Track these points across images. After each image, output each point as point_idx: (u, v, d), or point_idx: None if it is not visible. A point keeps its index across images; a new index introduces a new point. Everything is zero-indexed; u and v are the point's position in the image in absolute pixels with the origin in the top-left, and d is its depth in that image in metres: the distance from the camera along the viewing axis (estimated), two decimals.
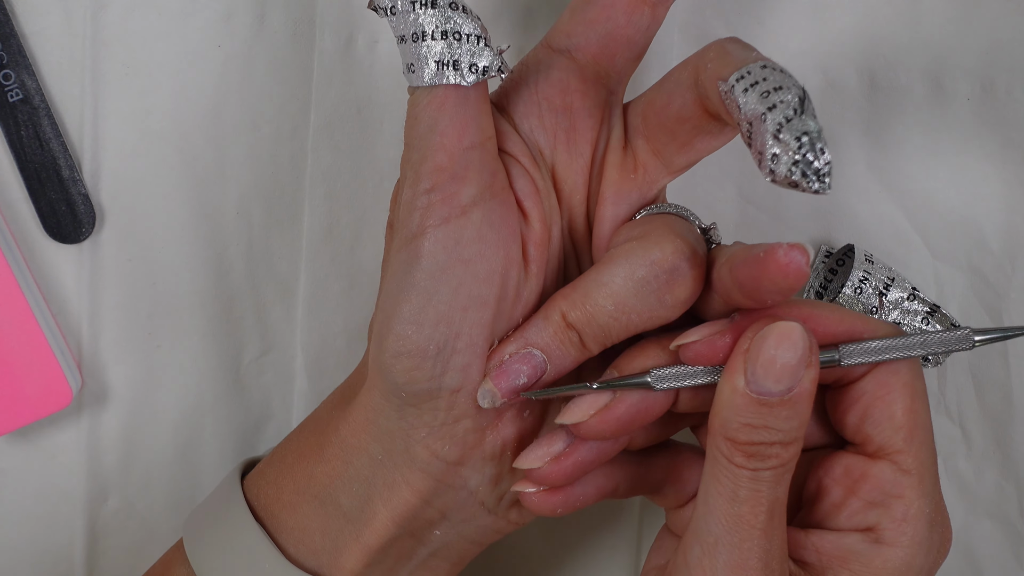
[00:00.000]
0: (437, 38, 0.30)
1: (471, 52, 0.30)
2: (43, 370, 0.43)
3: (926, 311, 0.42)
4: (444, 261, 0.31)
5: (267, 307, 0.46)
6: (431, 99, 0.31)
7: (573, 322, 0.32)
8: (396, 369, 0.32)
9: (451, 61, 0.30)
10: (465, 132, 0.31)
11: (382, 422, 0.33)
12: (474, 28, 0.31)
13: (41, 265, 0.45)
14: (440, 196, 0.31)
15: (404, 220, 0.31)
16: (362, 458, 0.34)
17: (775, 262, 0.28)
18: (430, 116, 0.31)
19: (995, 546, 0.45)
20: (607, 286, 0.31)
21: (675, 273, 0.31)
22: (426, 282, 0.31)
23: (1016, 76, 0.43)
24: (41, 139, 0.43)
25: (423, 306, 0.31)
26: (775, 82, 0.28)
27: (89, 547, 0.47)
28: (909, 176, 0.44)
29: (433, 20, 0.30)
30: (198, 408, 0.47)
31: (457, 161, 0.31)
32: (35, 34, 0.43)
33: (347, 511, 0.34)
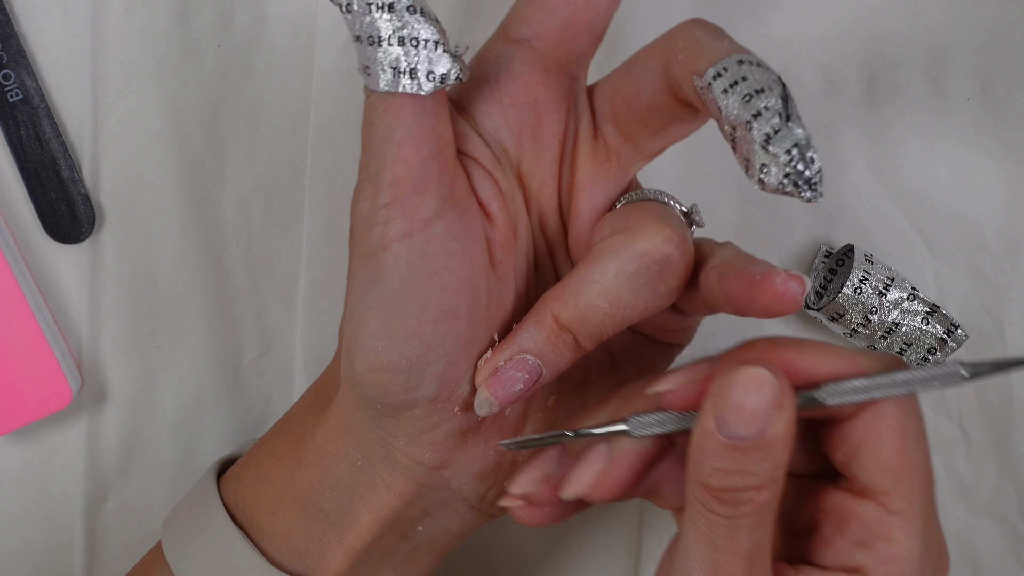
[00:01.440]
0: (393, 44, 0.29)
1: (429, 59, 0.29)
2: (43, 370, 0.43)
3: (926, 311, 0.42)
4: (409, 276, 0.30)
5: (267, 307, 0.46)
6: (387, 107, 0.29)
7: (566, 323, 0.31)
8: (369, 384, 0.31)
9: (408, 69, 0.29)
10: (423, 142, 0.30)
11: (359, 430, 0.33)
12: (432, 33, 0.29)
13: (41, 265, 0.45)
14: (400, 210, 0.30)
15: (363, 233, 0.30)
16: (341, 464, 0.33)
17: (771, 288, 0.28)
18: (386, 125, 0.29)
19: (995, 546, 0.45)
20: (599, 283, 0.30)
21: (667, 263, 0.30)
22: (392, 298, 0.30)
23: (1016, 76, 0.43)
24: (41, 139, 0.43)
25: (391, 322, 0.30)
26: (756, 82, 0.27)
27: (88, 547, 0.47)
28: (909, 176, 0.44)
29: (390, 25, 0.29)
30: (198, 408, 0.47)
31: (416, 173, 0.30)
32: (35, 34, 0.43)
33: (329, 514, 0.34)
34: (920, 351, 0.43)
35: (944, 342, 0.43)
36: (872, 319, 0.42)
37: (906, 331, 0.43)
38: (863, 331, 0.43)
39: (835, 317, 0.43)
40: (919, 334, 0.43)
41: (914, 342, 0.43)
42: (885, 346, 0.43)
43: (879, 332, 0.43)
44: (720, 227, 0.46)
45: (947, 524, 0.46)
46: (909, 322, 0.43)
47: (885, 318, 0.42)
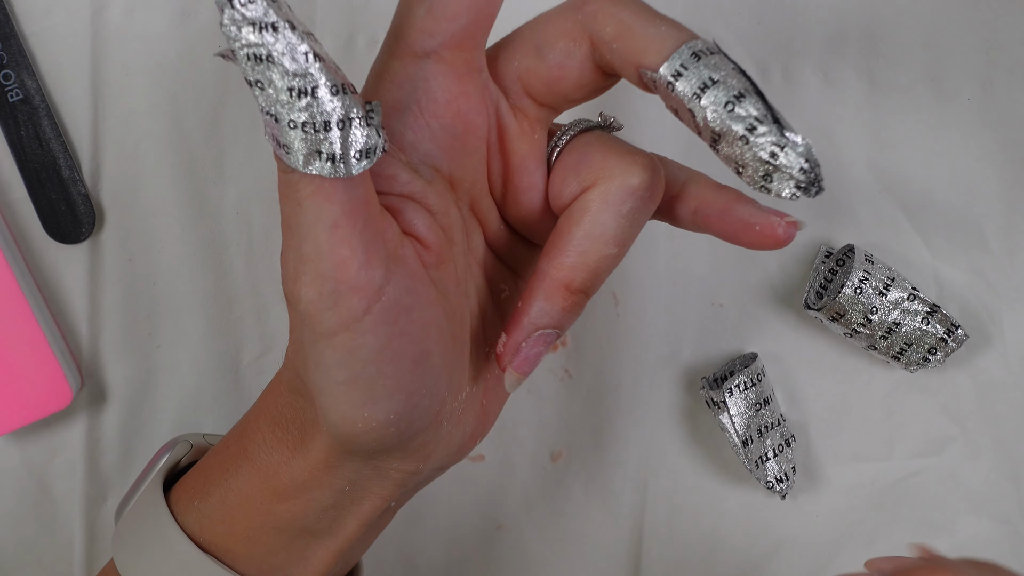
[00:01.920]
0: (319, 129, 0.26)
1: (355, 138, 0.26)
2: (43, 370, 0.43)
3: (926, 311, 0.42)
4: (378, 345, 0.29)
5: (267, 307, 0.46)
6: (316, 189, 0.27)
7: (580, 287, 0.31)
8: (363, 442, 0.31)
9: (336, 153, 0.26)
10: (357, 216, 0.28)
11: (348, 465, 0.32)
12: (356, 109, 0.26)
13: (41, 265, 0.45)
14: (351, 291, 0.28)
15: (315, 317, 0.28)
16: (326, 492, 0.33)
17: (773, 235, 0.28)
18: (316, 207, 0.27)
19: (995, 546, 0.45)
20: (602, 235, 0.30)
21: (654, 189, 0.30)
22: (366, 369, 0.29)
23: (1016, 76, 0.43)
24: (41, 139, 0.43)
25: (371, 390, 0.29)
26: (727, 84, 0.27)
27: (88, 547, 0.47)
28: (909, 176, 0.44)
29: (313, 110, 0.26)
30: (198, 408, 0.47)
31: (357, 250, 0.28)
32: (35, 34, 0.43)
33: (315, 532, 0.34)
34: (920, 351, 0.43)
35: (944, 342, 0.43)
36: (872, 319, 0.42)
37: (906, 331, 0.43)
38: (863, 331, 0.43)
39: (835, 317, 0.43)
40: (919, 334, 0.43)
41: (914, 342, 0.43)
42: (885, 346, 0.43)
43: (879, 332, 0.43)
44: None
45: (947, 524, 0.46)
46: (909, 322, 0.42)
47: (885, 318, 0.42)
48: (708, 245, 0.46)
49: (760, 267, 0.46)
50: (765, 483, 0.44)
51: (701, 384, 0.46)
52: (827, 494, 0.46)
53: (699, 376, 0.47)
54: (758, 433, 0.44)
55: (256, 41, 0.25)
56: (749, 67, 0.44)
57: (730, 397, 0.44)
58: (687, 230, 0.32)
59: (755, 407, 0.44)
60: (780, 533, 0.47)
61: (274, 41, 0.25)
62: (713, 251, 0.46)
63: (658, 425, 0.47)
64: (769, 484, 0.44)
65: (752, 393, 0.44)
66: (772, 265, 0.46)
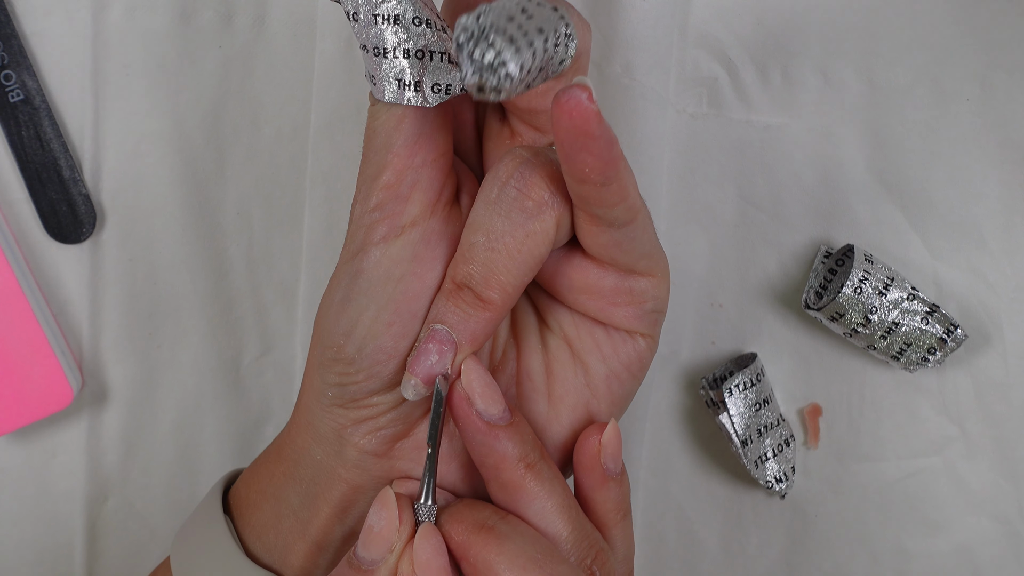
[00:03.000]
0: (399, 56, 0.28)
1: (435, 71, 0.29)
2: (44, 370, 0.43)
3: (925, 311, 0.42)
4: (377, 279, 0.31)
5: (267, 307, 0.46)
6: (389, 116, 0.30)
7: (461, 279, 0.31)
8: (327, 374, 0.32)
9: (413, 81, 0.29)
10: (417, 151, 0.30)
11: (316, 423, 0.34)
12: (438, 44, 0.28)
13: (42, 265, 0.45)
14: (382, 214, 0.31)
15: (352, 234, 0.32)
16: (307, 458, 0.34)
17: (556, 106, 0.27)
18: (386, 133, 0.30)
19: (994, 546, 0.45)
20: (472, 223, 0.31)
21: (521, 178, 0.30)
22: (360, 298, 0.31)
23: (1015, 76, 0.43)
24: (42, 139, 0.43)
25: (355, 320, 0.31)
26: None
27: (89, 546, 0.47)
28: (908, 176, 0.44)
29: (396, 36, 0.28)
30: (198, 408, 0.47)
31: (403, 180, 0.31)
32: (36, 35, 0.43)
33: (296, 510, 0.35)
34: (920, 351, 0.43)
35: (944, 342, 0.43)
36: (872, 319, 0.42)
37: (906, 331, 0.43)
38: (863, 331, 0.43)
39: (835, 317, 0.43)
40: (919, 334, 0.43)
41: (914, 342, 0.43)
42: (885, 345, 0.43)
43: (879, 332, 0.43)
44: (720, 227, 0.46)
45: (947, 524, 0.46)
46: (909, 322, 0.42)
47: (885, 318, 0.42)
48: (708, 246, 0.46)
49: (760, 267, 0.46)
50: (765, 483, 0.44)
51: (701, 384, 0.46)
52: (826, 494, 0.46)
53: (699, 376, 0.47)
54: (758, 433, 0.44)
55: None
56: (749, 68, 0.44)
57: (730, 397, 0.44)
58: (609, 225, 0.31)
59: (755, 407, 0.44)
60: (779, 532, 0.47)
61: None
62: (713, 251, 0.46)
63: (658, 425, 0.47)
64: (768, 484, 0.44)
65: (752, 393, 0.44)
66: (772, 265, 0.46)
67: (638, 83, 0.44)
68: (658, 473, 0.48)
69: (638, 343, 0.35)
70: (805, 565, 0.47)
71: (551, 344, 0.35)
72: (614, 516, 0.34)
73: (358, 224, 0.31)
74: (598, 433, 0.34)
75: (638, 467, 0.47)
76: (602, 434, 0.34)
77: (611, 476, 0.34)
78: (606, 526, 0.34)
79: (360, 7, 0.28)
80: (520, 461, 0.32)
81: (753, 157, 0.45)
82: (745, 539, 0.47)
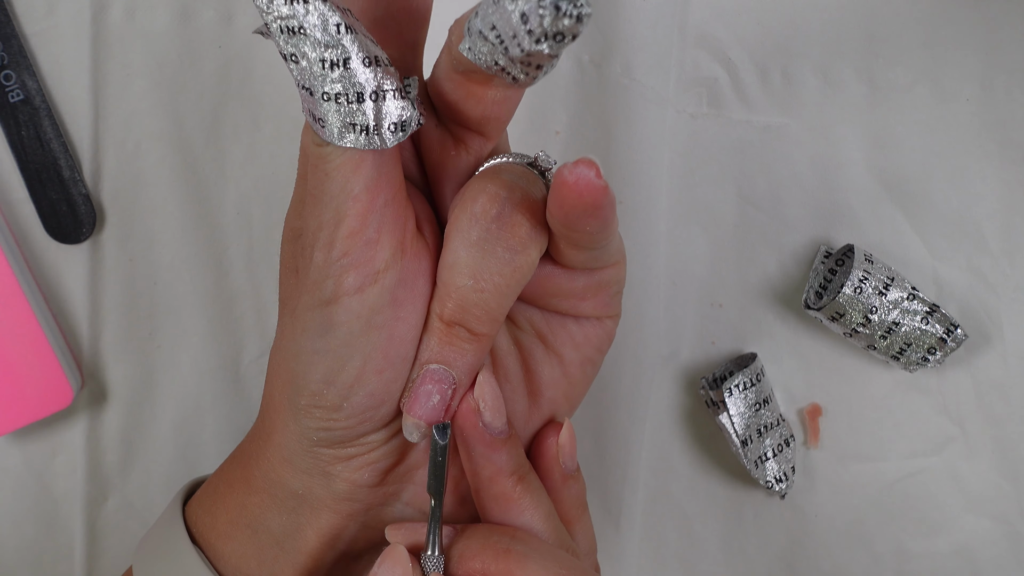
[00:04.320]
0: (352, 100, 0.26)
1: (389, 111, 0.27)
2: (44, 370, 0.43)
3: (925, 311, 0.42)
4: (359, 329, 0.30)
5: (267, 307, 0.46)
6: (346, 160, 0.28)
7: (450, 317, 0.30)
8: (310, 419, 0.31)
9: (372, 125, 0.27)
10: (378, 192, 0.29)
11: (298, 461, 0.32)
12: (390, 82, 0.27)
13: (42, 265, 0.45)
14: (351, 262, 0.29)
15: (317, 283, 0.30)
16: (285, 491, 0.33)
17: (564, 186, 0.27)
18: (343, 178, 0.28)
19: (994, 546, 0.45)
20: (455, 265, 0.30)
21: (502, 218, 0.29)
22: (340, 349, 0.30)
23: (1015, 77, 0.43)
24: (42, 139, 0.43)
25: (337, 370, 0.30)
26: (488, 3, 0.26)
27: (89, 546, 0.47)
28: (908, 176, 0.44)
29: (347, 81, 0.26)
30: (198, 408, 0.47)
31: (369, 224, 0.29)
32: (36, 35, 0.43)
33: (279, 539, 0.34)
34: (920, 351, 0.43)
35: (944, 342, 0.43)
36: (872, 319, 0.42)
37: (906, 331, 0.43)
38: (863, 331, 0.43)
39: (835, 317, 0.43)
40: (919, 334, 0.43)
41: (914, 342, 0.43)
42: (885, 345, 0.43)
43: (879, 332, 0.43)
44: (720, 227, 0.46)
45: (947, 524, 0.46)
46: (909, 322, 0.43)
47: (885, 318, 0.42)
48: (708, 245, 0.46)
49: (760, 267, 0.46)
50: (764, 483, 0.44)
51: (701, 384, 0.46)
52: (826, 494, 0.46)
53: (699, 376, 0.47)
54: (757, 433, 0.44)
55: (288, 13, 0.26)
56: (749, 68, 0.44)
57: (729, 397, 0.44)
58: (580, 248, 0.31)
59: (755, 407, 0.44)
60: (779, 532, 0.47)
61: (305, 13, 0.26)
62: (713, 251, 0.46)
63: (658, 425, 0.47)
64: (768, 484, 0.44)
65: (752, 393, 0.44)
66: (772, 265, 0.46)
67: (638, 83, 0.44)
68: (658, 473, 0.48)
69: (606, 324, 0.35)
70: (805, 565, 0.47)
71: (524, 342, 0.35)
72: (576, 512, 0.35)
73: (323, 273, 0.29)
74: (555, 435, 0.34)
75: (638, 467, 0.47)
76: (559, 435, 0.34)
77: (570, 474, 0.35)
78: (570, 523, 0.35)
79: (302, 51, 0.26)
80: (514, 474, 0.32)
81: (753, 157, 0.45)
82: (745, 539, 0.47)
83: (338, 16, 0.26)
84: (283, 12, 0.26)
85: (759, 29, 0.44)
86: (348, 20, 0.26)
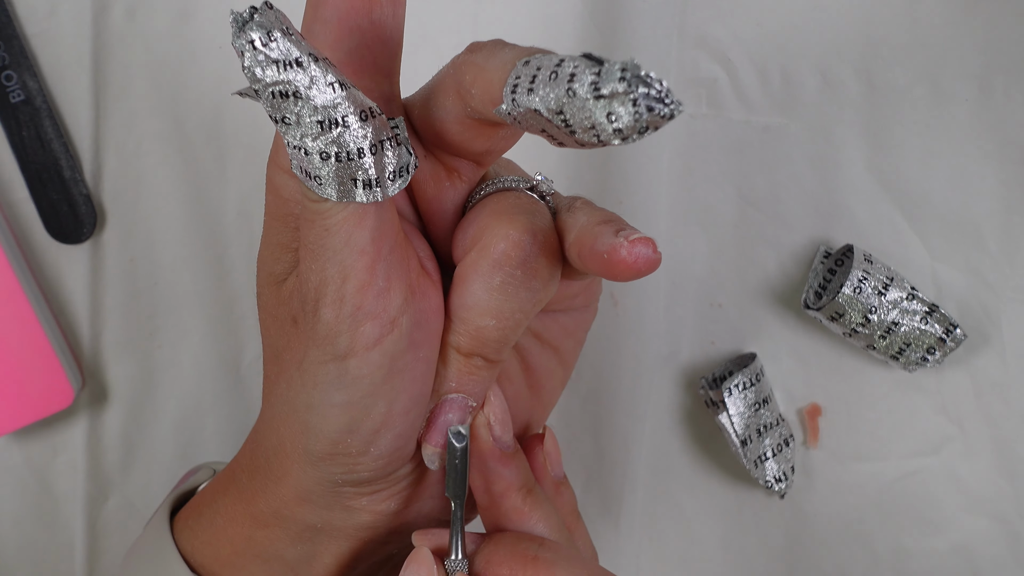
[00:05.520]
0: (353, 157, 0.25)
1: (388, 160, 0.26)
2: (44, 370, 0.43)
3: (925, 311, 0.43)
4: (381, 378, 0.29)
5: None
6: (349, 215, 0.27)
7: (469, 350, 0.30)
8: (333, 466, 0.30)
9: (374, 178, 0.26)
10: (383, 240, 0.28)
11: (318, 500, 0.32)
12: (383, 131, 0.26)
13: (43, 265, 0.45)
14: (367, 315, 0.28)
15: (328, 338, 0.28)
16: (301, 525, 0.33)
17: (623, 263, 0.27)
18: (347, 232, 0.27)
19: (993, 546, 0.45)
20: (475, 306, 0.29)
21: (526, 264, 0.29)
22: (363, 400, 0.29)
23: (1014, 77, 0.43)
24: (43, 140, 0.43)
25: (361, 419, 0.29)
26: (550, 65, 0.24)
27: (90, 546, 0.47)
28: (907, 176, 0.44)
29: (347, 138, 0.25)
30: (198, 408, 0.47)
31: (378, 275, 0.28)
32: (37, 36, 0.43)
33: (294, 566, 0.33)
34: (919, 350, 0.43)
35: (943, 341, 0.43)
36: (871, 319, 0.42)
37: (905, 331, 0.43)
38: (862, 331, 0.43)
39: (834, 317, 0.43)
40: (918, 334, 0.43)
41: (913, 341, 0.43)
42: (884, 345, 0.43)
43: (878, 332, 0.43)
44: (720, 227, 0.46)
45: (946, 523, 0.46)
46: (908, 322, 0.43)
47: (884, 318, 0.42)
48: (707, 246, 0.46)
49: (759, 267, 0.46)
50: (764, 482, 0.44)
51: (700, 384, 0.46)
52: (826, 493, 0.46)
53: (698, 376, 0.47)
54: (757, 433, 0.44)
55: (282, 79, 0.24)
56: (748, 69, 0.44)
57: (729, 397, 0.44)
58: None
59: (754, 407, 0.44)
60: (779, 532, 0.47)
61: (301, 76, 0.24)
62: (712, 251, 0.46)
63: (658, 425, 0.47)
64: (768, 483, 0.44)
65: (751, 393, 0.44)
66: (771, 265, 0.46)
67: None
68: (658, 473, 0.48)
69: (591, 307, 0.35)
70: (804, 564, 0.47)
71: (521, 343, 0.34)
72: (572, 519, 0.35)
73: (334, 329, 0.28)
74: (539, 444, 0.34)
75: (638, 467, 0.48)
76: (543, 444, 0.34)
77: (560, 482, 0.34)
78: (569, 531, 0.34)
79: (297, 113, 0.25)
80: (522, 488, 0.32)
81: (752, 157, 0.45)
82: (744, 538, 0.47)
83: (331, 74, 0.25)
84: (276, 78, 0.24)
85: (758, 30, 0.44)
86: (339, 75, 0.25)
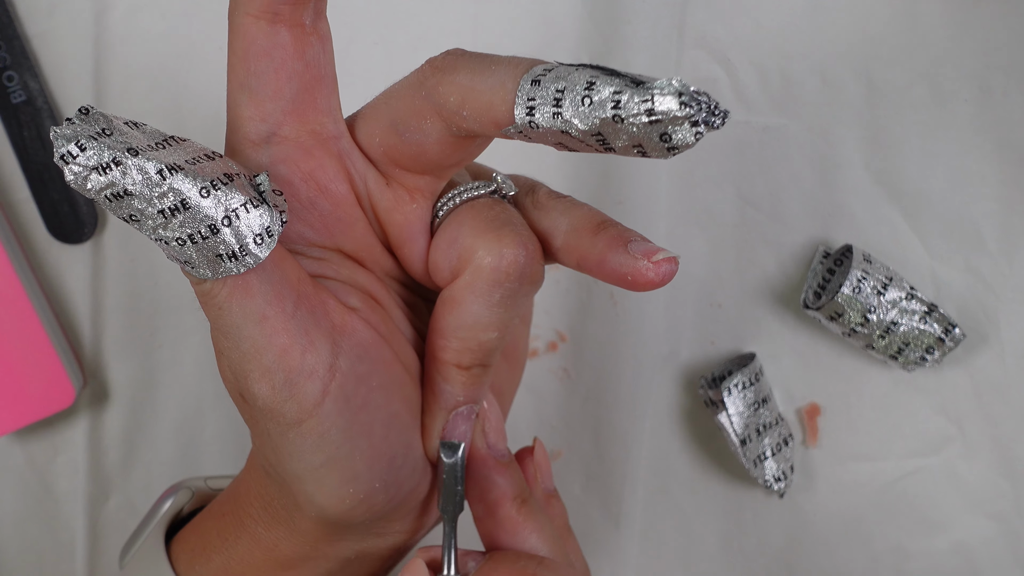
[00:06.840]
0: (206, 235, 0.25)
1: (250, 225, 0.25)
2: (45, 370, 0.43)
3: (924, 310, 0.43)
4: (346, 424, 0.28)
5: None
6: (231, 290, 0.26)
7: (471, 363, 0.30)
8: (354, 516, 0.30)
9: (238, 249, 0.25)
10: (284, 298, 0.27)
11: (349, 537, 0.32)
12: (237, 197, 0.25)
13: (44, 265, 0.45)
14: (302, 375, 0.27)
15: (274, 411, 0.28)
16: (333, 560, 0.32)
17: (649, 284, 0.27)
18: (239, 306, 0.26)
19: (992, 545, 0.45)
20: (477, 324, 0.29)
21: (524, 275, 0.29)
22: (340, 450, 0.28)
23: (1013, 77, 0.43)
24: (44, 140, 0.44)
25: (350, 467, 0.29)
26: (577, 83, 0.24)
27: (90, 546, 0.47)
28: (907, 177, 0.44)
29: (193, 220, 0.24)
30: (199, 408, 0.47)
31: (294, 333, 0.27)
32: (38, 36, 0.43)
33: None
34: (918, 350, 0.43)
35: (942, 341, 0.43)
36: (871, 318, 0.42)
37: (904, 330, 0.43)
38: (862, 330, 0.43)
39: (834, 317, 0.43)
40: (917, 333, 0.43)
41: (912, 341, 0.43)
42: (883, 345, 0.43)
43: (877, 331, 0.43)
44: (719, 227, 0.46)
45: (945, 523, 0.46)
46: (907, 321, 0.43)
47: (883, 317, 0.43)
48: (707, 245, 0.46)
49: (759, 267, 0.46)
50: (763, 482, 0.44)
51: (700, 384, 0.46)
52: (825, 493, 0.46)
53: (698, 376, 0.47)
54: (756, 432, 0.44)
55: (106, 182, 0.24)
56: (748, 69, 0.45)
57: (728, 397, 0.44)
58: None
59: (753, 406, 0.44)
60: (778, 532, 0.47)
61: (123, 175, 0.24)
62: (712, 251, 0.46)
63: (657, 425, 0.48)
64: (767, 483, 0.44)
65: (750, 392, 0.44)
66: (770, 265, 0.46)
67: None
68: (658, 473, 0.48)
69: None
70: (804, 564, 0.47)
71: None
72: (564, 531, 0.35)
73: (276, 400, 0.27)
74: (529, 456, 0.34)
75: (638, 467, 0.48)
76: (533, 456, 0.34)
77: (551, 495, 0.34)
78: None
79: (137, 209, 0.24)
80: (517, 498, 0.32)
81: (752, 157, 0.45)
82: (744, 538, 0.47)
83: (154, 161, 0.24)
84: (101, 183, 0.23)
85: (758, 30, 0.44)
86: (165, 156, 0.24)
